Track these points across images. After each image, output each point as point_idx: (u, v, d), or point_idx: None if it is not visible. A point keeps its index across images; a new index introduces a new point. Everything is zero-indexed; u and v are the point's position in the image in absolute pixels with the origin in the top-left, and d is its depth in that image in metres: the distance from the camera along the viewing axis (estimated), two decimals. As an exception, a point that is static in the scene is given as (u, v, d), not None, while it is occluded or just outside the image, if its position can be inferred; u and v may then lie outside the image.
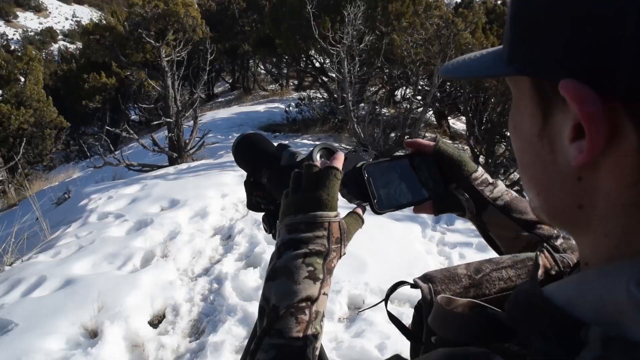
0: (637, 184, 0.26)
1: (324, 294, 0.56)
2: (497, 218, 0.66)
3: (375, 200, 0.62)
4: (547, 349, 0.27)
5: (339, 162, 0.62)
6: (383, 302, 0.55)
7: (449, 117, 10.42)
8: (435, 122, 9.75)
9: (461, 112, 8.65)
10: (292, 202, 0.60)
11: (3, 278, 3.07)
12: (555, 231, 0.65)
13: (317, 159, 0.70)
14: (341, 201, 0.62)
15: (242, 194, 4.29)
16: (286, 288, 0.54)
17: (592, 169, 0.28)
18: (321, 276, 0.56)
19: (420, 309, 0.49)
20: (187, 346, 2.36)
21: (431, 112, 9.13)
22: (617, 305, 0.25)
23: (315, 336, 0.54)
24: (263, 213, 0.85)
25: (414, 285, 0.50)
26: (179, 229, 3.69)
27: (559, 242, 0.64)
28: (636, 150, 0.25)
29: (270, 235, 0.83)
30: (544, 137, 0.31)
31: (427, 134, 8.40)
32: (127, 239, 3.55)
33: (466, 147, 7.54)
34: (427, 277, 0.50)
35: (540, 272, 0.36)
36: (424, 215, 4.04)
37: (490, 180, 0.68)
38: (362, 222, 0.63)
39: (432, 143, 0.68)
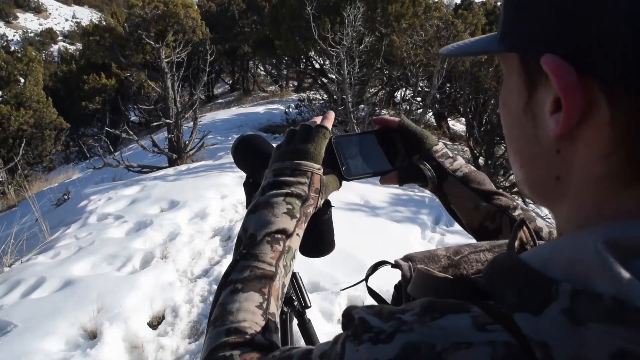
0: (608, 156, 0.27)
1: (297, 234, 0.60)
2: (457, 189, 0.69)
3: (343, 168, 0.67)
4: (519, 302, 0.29)
5: (329, 122, 0.68)
6: (364, 281, 0.58)
7: (448, 119, 10.44)
8: (434, 124, 9.76)
9: (461, 114, 8.66)
10: (282, 152, 0.65)
11: (2, 279, 3.07)
12: (513, 202, 0.69)
13: None
14: (339, 202, 0.63)
15: (241, 195, 4.29)
16: (265, 219, 0.58)
17: (570, 142, 0.29)
18: (298, 215, 0.60)
19: (400, 287, 0.51)
20: (186, 347, 2.35)
21: (431, 113, 9.15)
22: (586, 264, 0.26)
23: (286, 270, 0.57)
24: None
25: (395, 265, 0.52)
26: (179, 230, 3.69)
27: (516, 212, 0.67)
28: (608, 124, 0.27)
29: None
30: (529, 112, 0.33)
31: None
32: (127, 240, 3.55)
33: (466, 148, 7.54)
34: (407, 257, 0.53)
35: (516, 243, 0.38)
36: (424, 217, 4.07)
37: (450, 154, 0.72)
38: (340, 185, 0.68)
39: (397, 119, 0.73)
